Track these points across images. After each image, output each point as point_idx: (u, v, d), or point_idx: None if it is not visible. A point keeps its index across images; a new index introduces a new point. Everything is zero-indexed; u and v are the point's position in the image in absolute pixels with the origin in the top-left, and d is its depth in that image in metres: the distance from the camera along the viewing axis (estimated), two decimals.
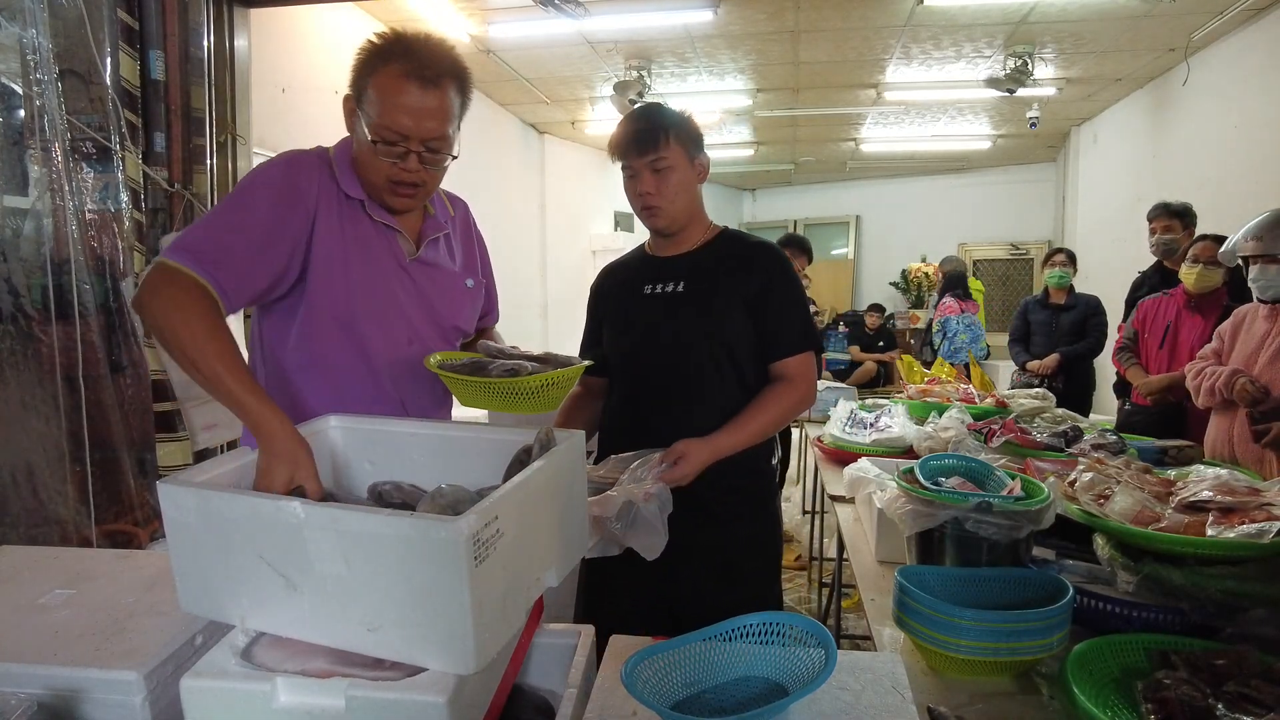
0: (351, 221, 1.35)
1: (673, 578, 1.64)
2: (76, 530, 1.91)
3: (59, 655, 0.88)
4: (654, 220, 1.65)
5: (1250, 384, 2.19)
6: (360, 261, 1.35)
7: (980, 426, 2.25)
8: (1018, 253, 9.24)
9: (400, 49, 1.26)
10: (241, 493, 0.89)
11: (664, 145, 1.58)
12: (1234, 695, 0.93)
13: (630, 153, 1.60)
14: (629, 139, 1.60)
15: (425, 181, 1.32)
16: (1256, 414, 2.17)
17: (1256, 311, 2.38)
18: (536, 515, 0.95)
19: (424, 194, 1.35)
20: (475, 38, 4.74)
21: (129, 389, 2.12)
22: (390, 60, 1.25)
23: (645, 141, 1.58)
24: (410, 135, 1.25)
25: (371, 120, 1.25)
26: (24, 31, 1.83)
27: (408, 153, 1.27)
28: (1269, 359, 2.25)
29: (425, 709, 0.78)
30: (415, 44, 1.27)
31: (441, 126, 1.28)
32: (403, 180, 1.29)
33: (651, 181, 1.60)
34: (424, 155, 1.28)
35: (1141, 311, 3.30)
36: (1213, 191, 4.56)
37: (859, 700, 0.90)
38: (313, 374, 1.37)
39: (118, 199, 2.13)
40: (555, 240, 7.56)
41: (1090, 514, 1.37)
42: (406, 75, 1.24)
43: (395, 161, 1.27)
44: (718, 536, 1.66)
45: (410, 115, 1.24)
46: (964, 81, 5.69)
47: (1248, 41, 4.47)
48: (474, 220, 1.62)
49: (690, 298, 1.65)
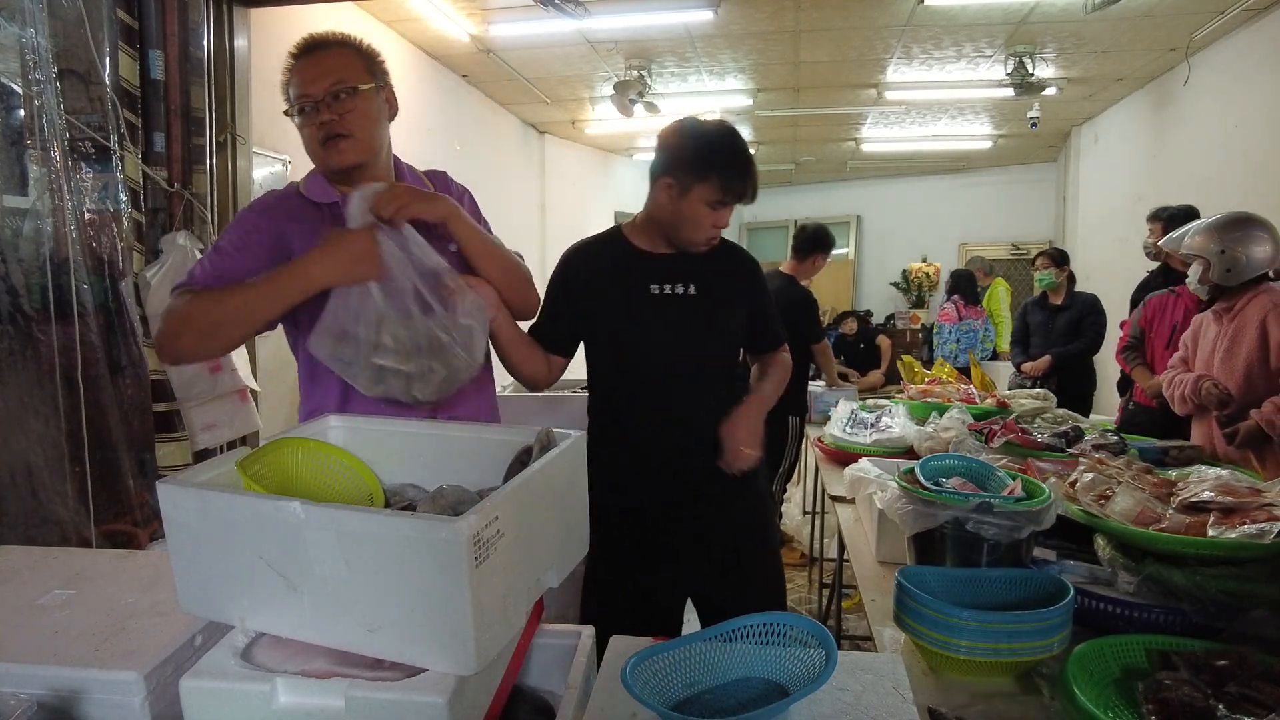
0: (324, 229, 1.38)
1: (676, 562, 1.70)
2: (76, 530, 1.91)
3: (59, 655, 0.87)
4: (710, 244, 1.69)
5: (1214, 386, 2.22)
6: None
7: (981, 427, 2.25)
8: (1018, 253, 9.24)
9: (296, 48, 1.44)
10: (241, 493, 0.89)
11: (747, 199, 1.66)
12: (1235, 696, 0.93)
13: (740, 200, 1.64)
14: (749, 190, 1.62)
15: (350, 130, 1.39)
16: (1223, 417, 2.20)
17: (1206, 317, 2.42)
18: (537, 515, 0.95)
19: (355, 144, 1.40)
20: (475, 38, 4.74)
21: (128, 389, 2.12)
22: (291, 58, 1.44)
23: (747, 196, 1.64)
24: (311, 94, 1.37)
25: (288, 104, 1.42)
26: (23, 31, 1.83)
27: (316, 106, 1.37)
28: (1223, 359, 2.29)
29: (425, 709, 0.78)
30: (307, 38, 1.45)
31: (338, 74, 1.38)
32: (326, 135, 1.38)
33: (727, 218, 1.66)
34: (331, 102, 1.37)
35: (1148, 310, 3.29)
36: (1213, 191, 4.55)
37: (859, 701, 0.89)
38: (325, 380, 1.42)
39: (117, 199, 2.13)
40: (555, 240, 7.55)
41: (1091, 514, 1.36)
42: (295, 55, 1.43)
43: (312, 123, 1.38)
44: (713, 520, 1.73)
45: (306, 78, 1.39)
46: (965, 81, 5.69)
47: (1248, 41, 4.47)
48: (455, 190, 1.63)
49: (704, 302, 1.70)
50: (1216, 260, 2.24)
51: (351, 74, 1.40)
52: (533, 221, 7.28)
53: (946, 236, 9.64)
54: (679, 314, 1.69)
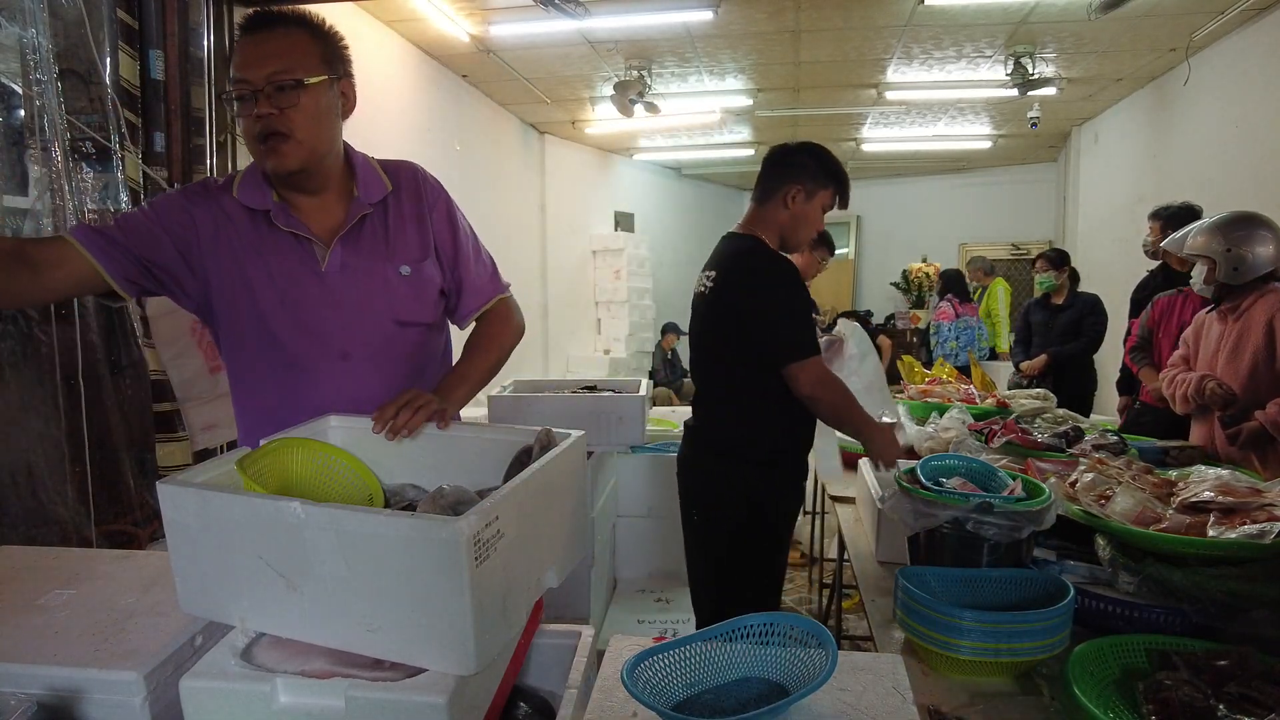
0: (255, 236, 1.32)
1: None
2: (76, 530, 1.90)
3: (59, 655, 0.87)
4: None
5: (1218, 386, 2.21)
6: (265, 279, 1.31)
7: (981, 427, 2.25)
8: (1018, 253, 9.24)
9: (242, 21, 1.28)
10: (241, 493, 0.89)
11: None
12: (1235, 696, 0.93)
13: (841, 207, 2.06)
14: (848, 195, 2.04)
15: (290, 130, 1.23)
16: (1226, 417, 2.20)
17: (1210, 316, 2.41)
18: (537, 515, 0.95)
19: (296, 147, 1.25)
20: (475, 38, 4.74)
21: (128, 389, 2.12)
22: (238, 33, 1.28)
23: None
24: (249, 79, 1.21)
25: (228, 88, 1.25)
26: (24, 31, 1.83)
27: (255, 94, 1.21)
28: (1226, 359, 2.28)
29: (425, 709, 0.78)
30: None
31: (283, 61, 1.22)
32: (264, 131, 1.23)
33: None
34: (271, 94, 1.21)
35: (1156, 310, 3.28)
36: (1213, 191, 4.55)
37: (860, 701, 0.89)
38: (249, 396, 1.39)
39: (117, 199, 2.12)
40: (555, 240, 7.56)
41: (1091, 514, 1.36)
42: (242, 31, 1.26)
43: (248, 113, 1.23)
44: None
45: (247, 59, 1.23)
46: (965, 81, 5.69)
47: (1248, 41, 4.46)
48: (428, 189, 1.44)
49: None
50: (1222, 260, 2.23)
51: (300, 62, 1.23)
52: (533, 221, 7.28)
53: (946, 236, 9.63)
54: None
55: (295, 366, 1.34)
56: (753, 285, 1.85)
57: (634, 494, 3.21)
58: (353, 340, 1.35)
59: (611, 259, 8.17)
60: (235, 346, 1.37)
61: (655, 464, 3.13)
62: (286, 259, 1.32)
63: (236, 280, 1.32)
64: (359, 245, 1.35)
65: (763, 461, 1.89)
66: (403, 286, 1.38)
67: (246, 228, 1.32)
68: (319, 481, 1.09)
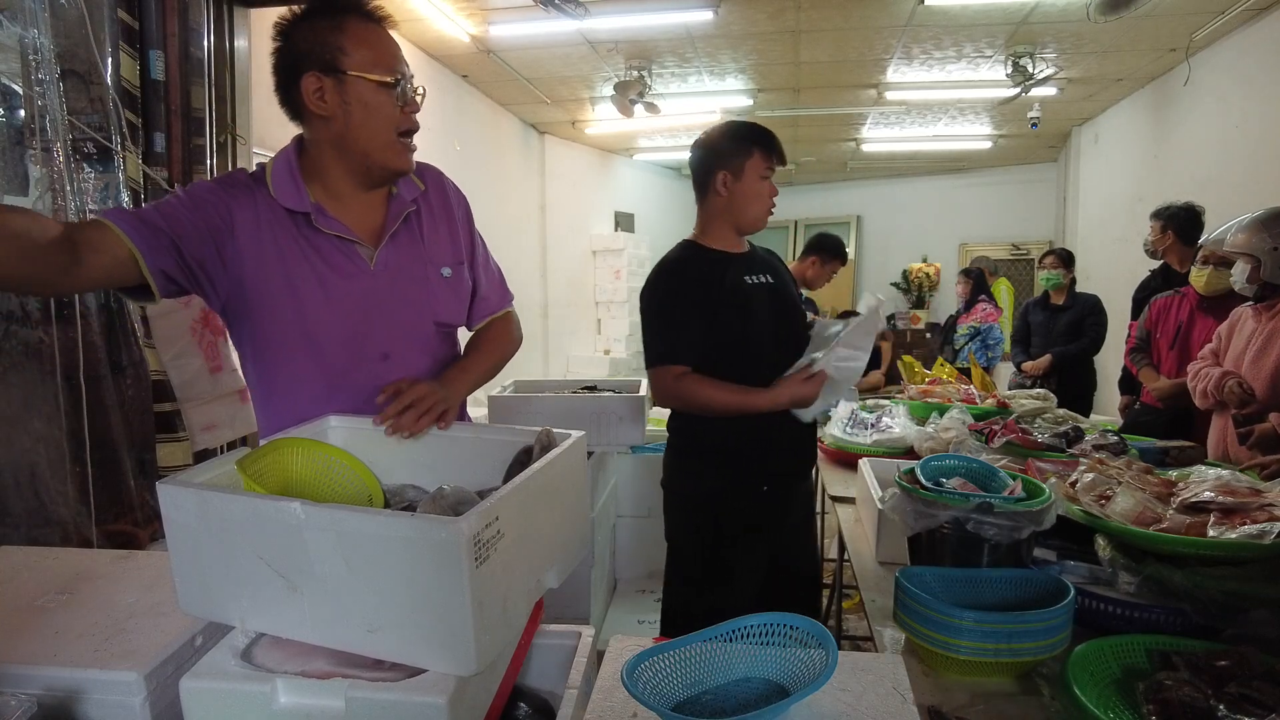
0: (298, 236, 1.28)
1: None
2: (77, 531, 1.90)
3: (59, 656, 0.88)
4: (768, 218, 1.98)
5: (1238, 385, 2.19)
6: (312, 280, 1.28)
7: (981, 427, 2.25)
8: (1019, 253, 9.23)
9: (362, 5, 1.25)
10: (241, 493, 0.89)
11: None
12: (1236, 696, 0.93)
13: (781, 162, 1.93)
14: (782, 151, 1.93)
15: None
16: (1240, 417, 2.18)
17: (1246, 311, 2.39)
18: (537, 516, 0.95)
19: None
20: (475, 38, 4.74)
21: (129, 389, 2.12)
22: (345, 12, 1.24)
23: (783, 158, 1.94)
24: (405, 73, 1.25)
25: (368, 70, 1.22)
26: (25, 31, 1.83)
27: (415, 91, 1.24)
28: (1253, 358, 2.25)
29: (425, 710, 0.78)
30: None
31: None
32: (411, 127, 1.26)
33: (775, 189, 1.96)
34: (421, 95, 1.27)
35: (1154, 311, 3.28)
36: (1213, 191, 4.55)
37: (860, 701, 0.89)
38: (279, 398, 1.35)
39: (118, 199, 2.12)
40: (555, 240, 7.56)
41: (1091, 515, 1.36)
42: (364, 17, 1.25)
43: (405, 105, 1.25)
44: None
45: (393, 51, 1.24)
46: (965, 81, 5.69)
47: (1248, 41, 4.46)
48: (452, 192, 1.47)
49: (782, 290, 2.00)
50: (1268, 257, 2.16)
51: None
52: (533, 221, 7.28)
53: (947, 236, 9.63)
54: (769, 300, 1.95)
55: (334, 367, 1.31)
56: (644, 290, 1.96)
57: (634, 494, 3.21)
58: (395, 341, 1.34)
59: (611, 259, 8.17)
60: (268, 346, 1.32)
61: (655, 464, 3.10)
62: (332, 259, 1.30)
63: (278, 280, 1.27)
64: (399, 245, 1.36)
65: (700, 453, 1.95)
66: (443, 288, 1.40)
67: (288, 227, 1.28)
68: (319, 482, 1.09)
